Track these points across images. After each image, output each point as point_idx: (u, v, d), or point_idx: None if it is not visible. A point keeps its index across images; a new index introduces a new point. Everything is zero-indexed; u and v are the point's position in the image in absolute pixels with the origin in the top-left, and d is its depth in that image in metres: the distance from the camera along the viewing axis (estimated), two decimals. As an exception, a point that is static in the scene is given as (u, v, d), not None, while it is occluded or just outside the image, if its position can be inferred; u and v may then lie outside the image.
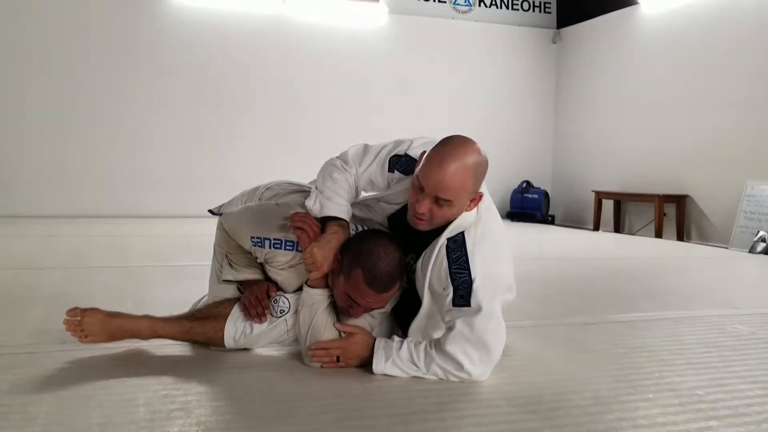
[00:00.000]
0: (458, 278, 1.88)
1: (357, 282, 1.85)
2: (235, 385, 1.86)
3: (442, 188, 1.82)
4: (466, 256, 1.89)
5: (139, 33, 7.69)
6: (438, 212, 1.87)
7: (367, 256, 1.85)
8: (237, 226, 2.08)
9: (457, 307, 1.87)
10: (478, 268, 1.89)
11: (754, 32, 6.32)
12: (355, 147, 2.13)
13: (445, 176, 1.81)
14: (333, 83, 8.31)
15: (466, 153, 1.84)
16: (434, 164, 1.82)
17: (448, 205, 1.86)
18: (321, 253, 1.89)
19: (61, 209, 7.36)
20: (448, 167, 1.81)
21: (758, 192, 6.07)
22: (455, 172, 1.82)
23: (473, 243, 1.91)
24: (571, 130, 9.03)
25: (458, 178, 1.82)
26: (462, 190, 1.85)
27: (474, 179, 1.87)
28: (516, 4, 9.16)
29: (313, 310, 1.96)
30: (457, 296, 1.87)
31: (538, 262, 4.87)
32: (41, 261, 4.23)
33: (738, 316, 2.96)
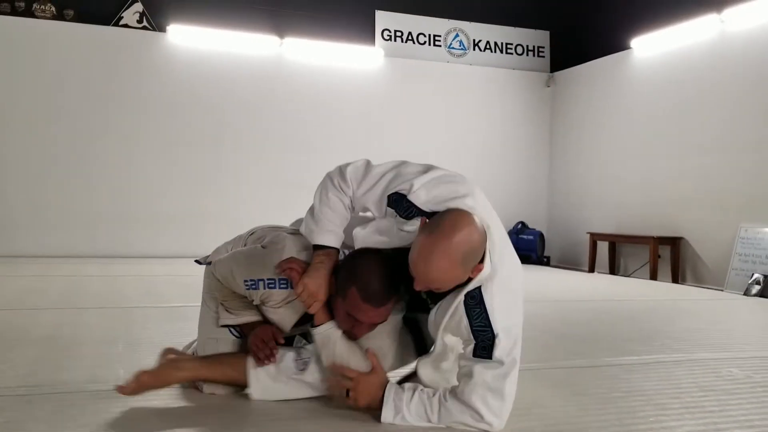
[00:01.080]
0: (481, 335, 1.84)
1: (354, 300, 1.87)
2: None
3: (431, 282, 1.78)
4: (486, 313, 1.84)
5: (136, 73, 7.76)
6: (438, 289, 1.83)
7: (360, 273, 1.87)
8: (228, 273, 2.07)
9: (477, 358, 1.85)
10: (499, 324, 1.84)
11: (747, 76, 6.41)
12: (355, 165, 2.01)
13: (431, 273, 1.75)
14: (328, 124, 8.38)
15: (453, 243, 1.72)
16: (420, 259, 1.75)
17: (444, 289, 1.83)
18: (313, 282, 1.89)
19: (52, 249, 7.33)
20: (433, 264, 1.73)
21: (752, 234, 6.09)
22: (441, 269, 1.74)
23: (491, 297, 1.85)
24: (566, 172, 9.09)
25: (444, 274, 1.75)
26: (451, 282, 1.80)
27: (463, 268, 1.77)
28: (510, 48, 9.29)
29: (330, 346, 1.96)
30: (479, 348, 1.85)
31: (534, 304, 4.84)
32: (32, 301, 4.20)
33: (734, 359, 2.94)
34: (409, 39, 8.84)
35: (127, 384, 1.97)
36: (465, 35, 9.09)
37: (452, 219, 1.77)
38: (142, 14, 7.77)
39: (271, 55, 8.23)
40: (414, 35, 8.86)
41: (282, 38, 8.23)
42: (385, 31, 8.73)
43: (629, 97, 7.97)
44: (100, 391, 2.14)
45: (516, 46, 9.32)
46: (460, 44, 9.07)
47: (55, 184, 7.46)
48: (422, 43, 8.90)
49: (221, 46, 8.01)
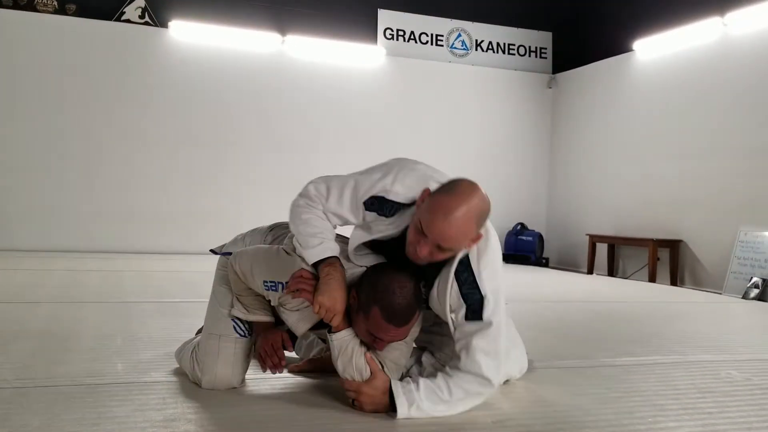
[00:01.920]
0: (471, 297, 1.95)
1: (376, 319, 1.85)
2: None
3: (446, 239, 1.84)
4: (473, 276, 1.95)
5: (137, 69, 7.76)
6: (438, 255, 1.89)
7: (383, 293, 1.85)
8: (249, 269, 2.05)
9: (468, 321, 1.94)
10: (486, 285, 1.95)
11: (749, 79, 6.41)
12: (315, 183, 2.06)
13: (450, 228, 1.82)
14: (330, 122, 8.38)
15: (472, 203, 1.85)
16: (440, 215, 1.82)
17: (450, 251, 1.89)
18: (327, 298, 1.87)
19: (52, 244, 7.33)
20: (454, 220, 1.81)
21: (751, 238, 6.09)
22: (460, 225, 1.83)
23: (477, 261, 1.96)
24: (566, 174, 9.09)
25: (462, 230, 1.84)
26: (464, 239, 1.88)
27: (476, 227, 1.89)
28: (512, 49, 9.29)
29: (347, 353, 1.95)
30: (470, 311, 1.94)
31: (532, 304, 4.84)
32: (30, 295, 4.19)
33: (732, 361, 2.94)
34: (412, 38, 8.84)
35: None
36: (467, 35, 9.09)
37: (469, 183, 1.90)
38: (144, 10, 7.76)
39: (272, 52, 8.22)
40: (416, 35, 8.86)
41: (284, 35, 8.23)
42: (388, 30, 8.73)
43: (631, 100, 7.97)
44: (97, 384, 2.14)
45: (518, 47, 9.32)
46: (463, 44, 9.06)
47: (55, 178, 7.45)
48: (424, 43, 8.89)
49: (223, 42, 8.00)
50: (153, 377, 2.26)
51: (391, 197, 1.97)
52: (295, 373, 2.35)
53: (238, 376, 2.15)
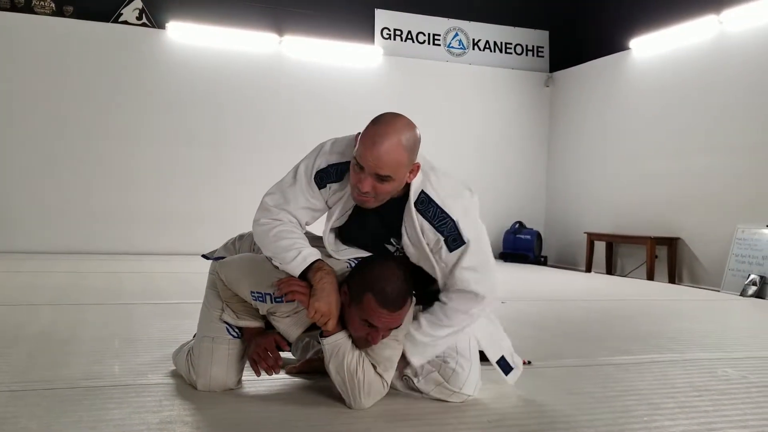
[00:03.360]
0: (444, 227, 1.98)
1: (370, 306, 1.86)
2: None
3: (381, 165, 1.87)
4: (439, 207, 1.99)
5: (135, 70, 7.76)
6: (381, 187, 1.91)
7: (375, 279, 1.87)
8: (236, 279, 2.06)
9: (452, 252, 1.99)
10: (454, 208, 1.99)
11: (745, 77, 6.42)
12: (269, 194, 2.11)
13: (381, 154, 1.86)
14: (327, 122, 8.35)
15: (397, 129, 1.90)
16: (369, 143, 1.88)
17: (389, 180, 1.91)
18: (323, 304, 1.88)
19: (51, 245, 7.34)
20: (382, 144, 1.86)
21: (749, 236, 6.10)
22: (390, 149, 1.87)
23: (435, 191, 2.00)
24: (564, 172, 9.10)
25: (393, 154, 1.87)
26: (399, 165, 1.90)
27: (408, 152, 1.91)
28: (509, 47, 9.29)
29: (339, 356, 1.96)
30: (450, 241, 1.99)
31: (530, 303, 4.85)
32: (30, 298, 4.19)
33: (729, 360, 2.95)
34: (409, 38, 8.84)
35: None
36: (464, 34, 9.09)
37: (392, 114, 1.97)
38: (141, 11, 7.77)
39: (270, 52, 8.23)
40: (413, 34, 8.86)
41: (281, 36, 8.23)
42: (385, 30, 8.73)
43: (627, 98, 7.98)
44: (94, 387, 2.14)
45: (515, 45, 9.33)
46: (460, 43, 9.06)
47: (53, 179, 7.45)
48: (422, 42, 8.90)
49: (220, 43, 8.00)
50: (150, 380, 2.26)
51: (332, 161, 2.04)
52: (293, 374, 2.36)
53: (233, 377, 2.15)
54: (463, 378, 2.07)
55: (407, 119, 1.96)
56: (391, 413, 1.97)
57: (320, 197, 2.07)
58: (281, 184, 2.11)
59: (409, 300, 1.94)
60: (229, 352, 2.15)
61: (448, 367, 2.07)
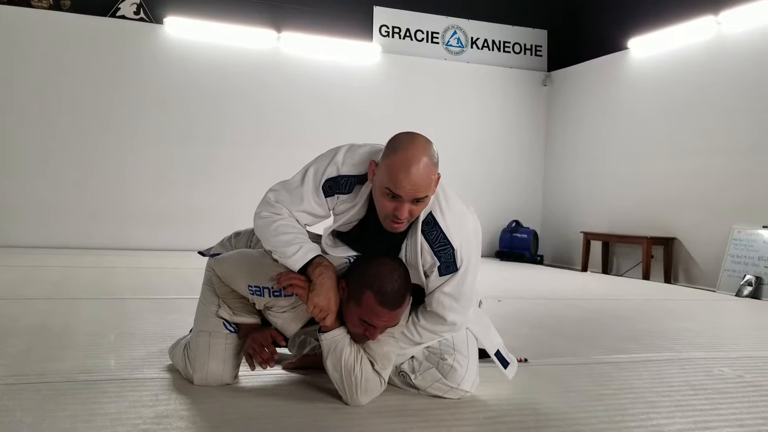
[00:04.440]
0: (443, 253, 1.98)
1: (369, 305, 1.86)
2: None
3: (419, 190, 1.86)
4: (442, 233, 1.98)
5: (132, 65, 7.74)
6: (416, 210, 1.92)
7: (374, 278, 1.87)
8: (233, 274, 2.05)
9: (444, 276, 2.00)
10: (455, 238, 1.98)
11: (742, 78, 6.43)
12: (273, 190, 2.09)
13: (418, 180, 1.84)
14: (325, 119, 8.36)
15: (422, 148, 1.88)
16: (404, 171, 1.84)
17: (424, 200, 1.91)
18: (322, 299, 1.88)
19: (48, 240, 7.32)
20: (418, 170, 1.84)
21: (745, 236, 6.11)
22: (424, 171, 1.85)
23: (442, 216, 1.99)
24: (561, 171, 9.10)
25: (427, 176, 1.86)
26: (431, 183, 1.90)
27: (436, 167, 1.92)
28: (507, 46, 9.29)
29: (337, 351, 1.95)
30: (443, 266, 1.99)
31: (526, 301, 4.86)
32: (25, 292, 4.18)
33: (725, 359, 2.95)
34: (407, 35, 8.83)
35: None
36: (463, 33, 9.09)
37: (406, 134, 1.94)
38: (139, 5, 7.74)
39: (268, 48, 8.21)
40: (412, 32, 8.86)
41: (279, 32, 8.22)
42: (383, 27, 8.72)
43: (625, 98, 7.98)
44: (90, 381, 2.14)
45: (513, 44, 9.33)
46: (458, 42, 9.06)
47: (50, 174, 7.43)
48: (420, 40, 8.89)
49: (218, 38, 7.99)
50: (146, 374, 2.26)
51: (343, 172, 2.01)
52: (289, 370, 2.36)
53: (229, 371, 2.15)
54: (461, 374, 2.07)
55: (423, 135, 1.95)
56: (387, 409, 1.97)
57: (325, 205, 2.06)
58: (287, 183, 2.09)
59: (408, 298, 1.94)
60: (226, 348, 2.14)
61: (446, 363, 2.08)
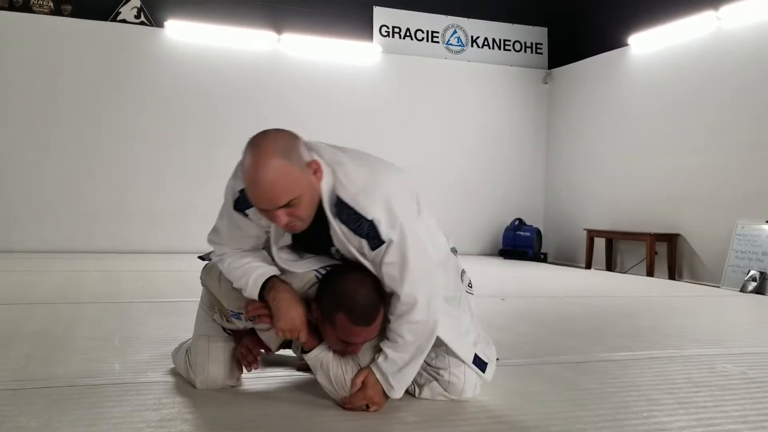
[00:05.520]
0: (361, 229, 1.80)
1: (344, 325, 1.83)
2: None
3: (276, 198, 1.70)
4: (351, 209, 1.79)
5: (133, 69, 7.75)
6: (297, 212, 1.75)
7: (343, 299, 1.81)
8: (216, 292, 2.09)
9: (374, 251, 1.82)
10: (368, 209, 1.79)
11: (743, 73, 6.41)
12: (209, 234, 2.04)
13: (270, 189, 1.69)
14: (326, 120, 8.36)
15: (266, 149, 1.71)
16: (251, 185, 1.72)
17: (298, 202, 1.74)
18: (285, 322, 1.85)
19: (48, 244, 7.33)
20: (266, 180, 1.68)
21: (749, 231, 6.09)
22: (274, 177, 1.68)
23: (346, 190, 1.80)
24: (563, 169, 9.09)
25: (281, 178, 1.69)
26: (294, 182, 1.72)
27: (293, 161, 1.72)
28: (508, 44, 9.28)
29: (324, 368, 1.95)
30: (371, 240, 1.81)
31: (530, 299, 4.85)
32: (28, 296, 4.19)
33: (728, 355, 2.95)
34: (407, 35, 8.83)
35: None
36: (463, 32, 9.08)
37: (254, 137, 1.80)
38: (139, 10, 7.75)
39: (268, 50, 8.22)
40: (412, 31, 8.85)
41: (280, 34, 8.22)
42: (383, 27, 8.72)
43: (626, 94, 7.97)
44: (93, 385, 2.14)
45: (514, 42, 9.32)
46: (458, 41, 9.06)
47: (51, 179, 7.44)
48: (420, 40, 8.89)
49: (219, 41, 7.99)
50: (150, 377, 2.26)
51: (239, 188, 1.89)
52: (302, 370, 2.35)
53: (230, 374, 2.15)
54: (460, 387, 2.04)
55: (270, 132, 1.79)
56: (388, 410, 1.96)
57: (251, 223, 1.92)
58: (217, 219, 2.02)
59: (381, 308, 1.88)
60: (225, 351, 2.15)
61: (443, 379, 2.04)
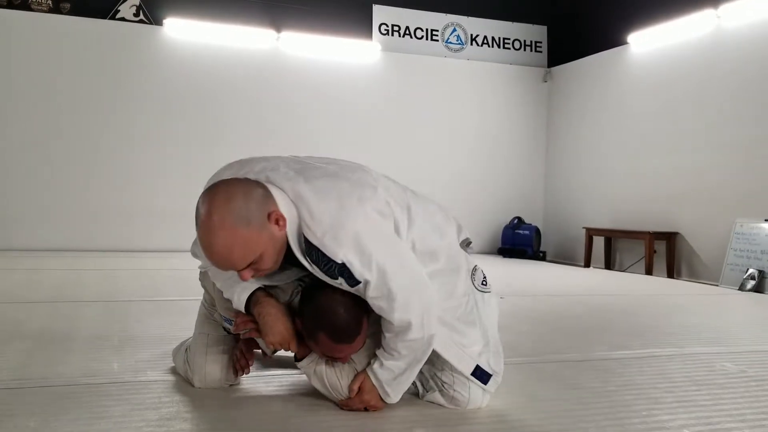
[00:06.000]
0: (334, 272, 1.71)
1: (327, 344, 1.82)
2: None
3: (234, 262, 1.64)
4: (320, 251, 1.69)
5: (132, 67, 7.74)
6: (261, 265, 1.69)
7: (323, 317, 1.79)
8: (212, 294, 2.10)
9: (355, 287, 1.74)
10: (337, 251, 1.68)
11: (743, 71, 6.41)
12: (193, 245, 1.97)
13: (226, 257, 1.62)
14: (325, 118, 8.36)
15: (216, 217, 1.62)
16: (206, 252, 1.65)
17: (260, 258, 1.67)
18: (273, 336, 1.84)
19: (48, 243, 7.32)
20: (219, 249, 1.61)
21: (747, 230, 6.10)
22: (227, 244, 1.60)
23: (312, 234, 1.69)
24: (562, 167, 9.09)
25: (238, 248, 1.61)
26: (248, 246, 1.63)
27: (253, 227, 1.62)
28: (507, 43, 9.28)
29: (318, 375, 1.95)
30: (347, 279, 1.72)
31: (529, 298, 4.85)
32: (27, 295, 4.19)
33: (728, 354, 2.95)
34: (407, 33, 8.83)
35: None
36: (462, 30, 9.08)
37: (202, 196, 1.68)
38: (138, 7, 7.74)
39: (267, 49, 8.21)
40: (411, 30, 8.85)
41: (279, 32, 8.21)
42: (383, 26, 8.72)
43: (626, 93, 7.97)
44: (93, 384, 2.14)
45: (513, 41, 9.31)
46: (458, 39, 9.05)
47: (50, 177, 7.43)
48: (419, 38, 8.88)
49: (218, 39, 7.98)
50: (149, 376, 2.26)
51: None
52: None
53: (227, 373, 2.14)
54: (464, 403, 2.00)
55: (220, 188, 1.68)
56: (387, 410, 1.96)
57: None
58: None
59: (364, 321, 1.84)
60: (224, 350, 2.15)
61: (447, 394, 2.02)
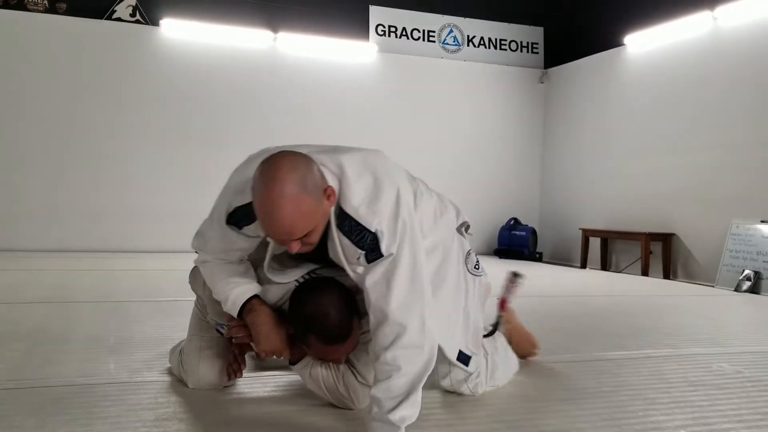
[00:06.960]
0: (363, 242, 1.68)
1: (318, 346, 1.81)
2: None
3: (293, 233, 1.59)
4: (354, 221, 1.68)
5: (129, 68, 7.73)
6: (309, 239, 1.65)
7: (312, 320, 1.77)
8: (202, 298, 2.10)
9: (371, 264, 1.70)
10: (372, 220, 1.67)
11: (739, 72, 6.43)
12: (194, 237, 1.99)
13: (286, 224, 1.57)
14: (322, 119, 8.36)
15: (282, 182, 1.56)
16: (266, 221, 1.60)
17: (314, 231, 1.64)
18: (266, 344, 1.84)
19: (46, 244, 7.31)
20: (282, 215, 1.56)
21: (743, 231, 6.11)
22: (292, 214, 1.56)
23: (348, 201, 1.68)
24: (559, 168, 9.11)
25: (299, 214, 1.57)
26: (311, 214, 1.61)
27: (312, 195, 1.59)
28: (504, 44, 9.29)
29: (314, 377, 1.95)
30: (369, 253, 1.69)
31: (525, 299, 4.85)
32: (24, 295, 4.18)
33: (724, 354, 2.96)
34: (403, 34, 8.83)
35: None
36: (459, 31, 9.09)
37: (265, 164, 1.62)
38: (135, 8, 7.74)
39: (264, 49, 8.21)
40: (408, 31, 8.85)
41: (276, 33, 8.21)
42: (379, 27, 8.72)
43: (622, 94, 7.99)
44: (89, 385, 2.14)
45: (510, 42, 9.33)
46: (454, 40, 9.06)
47: (47, 178, 7.42)
48: (416, 39, 8.89)
49: (215, 40, 7.98)
50: (145, 377, 2.26)
51: (238, 203, 1.78)
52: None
53: (221, 375, 2.14)
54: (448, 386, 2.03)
55: (285, 158, 1.62)
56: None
57: (244, 237, 1.83)
58: (202, 225, 1.97)
59: (354, 321, 1.82)
60: (218, 351, 2.14)
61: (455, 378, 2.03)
